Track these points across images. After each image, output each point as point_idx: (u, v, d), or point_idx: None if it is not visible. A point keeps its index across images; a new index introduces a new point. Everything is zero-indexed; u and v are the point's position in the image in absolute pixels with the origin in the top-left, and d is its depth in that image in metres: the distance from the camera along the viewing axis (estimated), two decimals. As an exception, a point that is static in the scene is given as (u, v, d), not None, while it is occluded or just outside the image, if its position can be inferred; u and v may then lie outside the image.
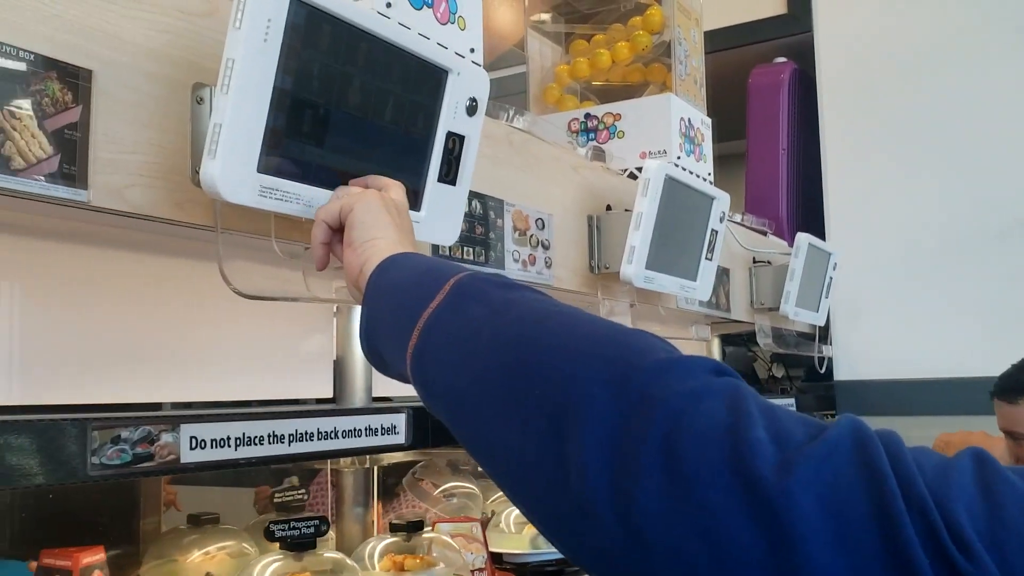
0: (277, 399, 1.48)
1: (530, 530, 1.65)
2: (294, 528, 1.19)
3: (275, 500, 1.51)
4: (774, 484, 0.46)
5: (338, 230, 0.91)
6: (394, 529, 1.39)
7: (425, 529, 1.43)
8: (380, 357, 0.79)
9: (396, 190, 0.97)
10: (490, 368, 0.62)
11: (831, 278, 2.47)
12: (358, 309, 1.35)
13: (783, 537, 0.45)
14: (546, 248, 1.47)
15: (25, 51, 0.78)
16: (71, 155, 0.80)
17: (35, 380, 1.12)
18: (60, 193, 0.79)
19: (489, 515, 1.77)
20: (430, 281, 0.72)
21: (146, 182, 0.87)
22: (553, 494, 0.54)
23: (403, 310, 0.73)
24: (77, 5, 0.83)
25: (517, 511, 1.64)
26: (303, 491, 1.55)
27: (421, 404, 1.16)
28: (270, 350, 1.47)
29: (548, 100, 2.38)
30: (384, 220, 0.87)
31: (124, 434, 0.81)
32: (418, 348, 0.69)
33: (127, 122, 0.86)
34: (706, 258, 1.73)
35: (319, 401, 1.47)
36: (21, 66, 0.77)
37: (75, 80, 0.81)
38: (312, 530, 1.19)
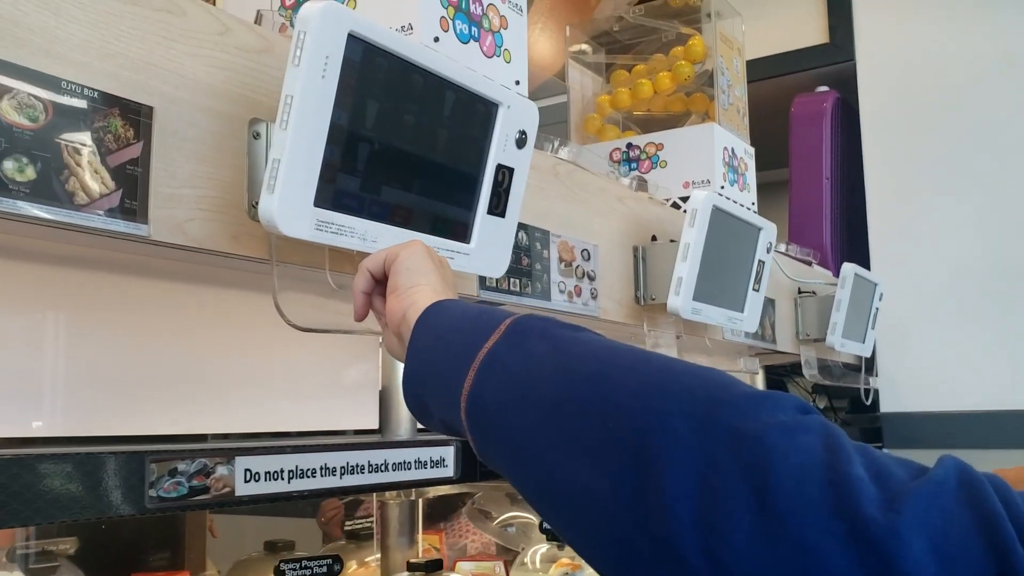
0: (322, 430, 1.48)
1: (558, 568, 1.59)
2: (306, 568, 1.16)
3: (346, 528, 1.52)
4: (881, 524, 0.43)
5: (380, 281, 0.90)
6: (412, 569, 1.37)
7: (444, 570, 1.41)
8: (423, 404, 0.76)
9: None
10: (559, 405, 0.59)
11: (877, 309, 2.44)
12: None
13: None
14: (592, 279, 1.47)
15: (89, 88, 0.79)
16: (132, 190, 0.81)
17: (80, 410, 1.13)
18: (122, 228, 0.80)
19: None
20: (483, 323, 0.70)
21: (204, 216, 0.88)
22: (630, 536, 0.52)
23: (455, 353, 0.70)
24: (139, 43, 0.84)
25: (544, 549, 1.62)
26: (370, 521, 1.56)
27: (470, 437, 1.16)
28: (315, 380, 1.48)
29: (589, 130, 2.39)
30: (428, 267, 0.86)
31: (181, 467, 0.82)
32: (474, 389, 0.66)
33: (186, 157, 0.87)
34: (753, 289, 1.71)
35: (360, 432, 1.47)
36: (85, 103, 0.79)
37: (137, 116, 0.83)
38: (324, 570, 1.16)
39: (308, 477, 0.95)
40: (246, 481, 0.88)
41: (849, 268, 2.21)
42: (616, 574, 0.55)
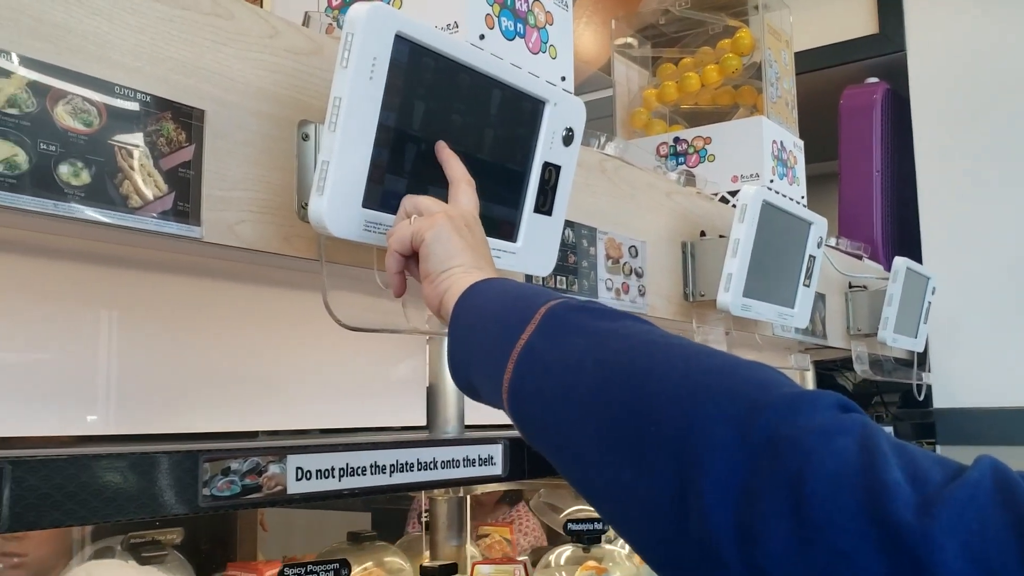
0: (370, 427, 1.49)
1: (584, 571, 1.54)
2: (312, 573, 1.13)
3: (424, 521, 1.56)
4: (915, 529, 0.43)
5: (411, 256, 0.89)
6: (425, 573, 1.38)
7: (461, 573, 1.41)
8: (473, 389, 0.77)
9: (465, 197, 0.92)
10: (597, 403, 0.59)
11: (929, 303, 2.40)
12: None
13: None
14: (639, 276, 1.46)
15: (142, 92, 0.80)
16: (185, 193, 0.82)
17: (133, 408, 1.15)
18: (175, 230, 0.81)
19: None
20: (519, 310, 0.70)
21: (255, 217, 0.89)
22: (671, 536, 0.52)
23: (493, 342, 0.70)
24: (189, 47, 0.85)
25: (570, 551, 1.58)
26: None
27: (518, 435, 1.16)
28: (363, 378, 1.49)
29: (635, 124, 2.38)
30: (457, 246, 0.84)
31: (234, 465, 0.83)
32: (514, 382, 0.67)
33: (237, 160, 0.88)
34: (803, 284, 1.69)
35: (406, 428, 1.48)
36: (138, 107, 0.80)
37: (188, 120, 0.84)
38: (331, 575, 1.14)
39: (359, 475, 0.95)
40: (297, 479, 0.88)
41: (901, 262, 2.17)
42: (661, 568, 0.55)
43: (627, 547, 1.57)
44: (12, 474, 0.68)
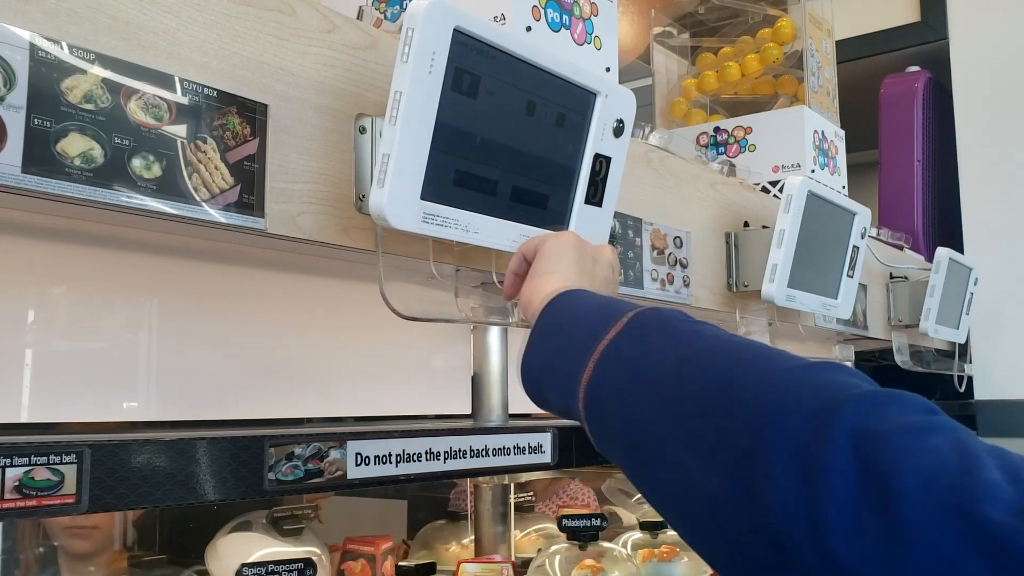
0: (414, 415, 1.51)
1: (579, 571, 1.47)
2: (272, 573, 1.09)
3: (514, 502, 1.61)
4: (1019, 531, 0.42)
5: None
6: (401, 573, 1.40)
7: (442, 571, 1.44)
8: (541, 392, 0.77)
9: (608, 250, 0.97)
10: (678, 401, 0.59)
11: (971, 294, 2.38)
12: (494, 329, 1.38)
13: None
14: (684, 267, 1.47)
15: (209, 88, 0.82)
16: (250, 185, 0.85)
17: (174, 396, 1.17)
18: (240, 222, 0.83)
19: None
20: (606, 315, 0.71)
21: (315, 209, 0.91)
22: (743, 534, 0.52)
23: (575, 343, 0.71)
24: (254, 42, 0.87)
25: (565, 549, 1.46)
26: (531, 494, 1.74)
27: (565, 423, 1.17)
28: (409, 366, 1.51)
29: (675, 114, 2.38)
30: (570, 257, 0.88)
31: (297, 451, 0.85)
32: (594, 380, 0.67)
33: (298, 153, 0.90)
34: (847, 275, 1.69)
35: (447, 416, 1.50)
36: (206, 102, 0.82)
37: (253, 114, 0.86)
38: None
39: (414, 461, 0.97)
40: (357, 465, 0.91)
41: (944, 252, 2.16)
42: (728, 568, 0.55)
43: (627, 546, 1.53)
44: (91, 457, 0.70)
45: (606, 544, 1.45)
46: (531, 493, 1.84)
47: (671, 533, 1.45)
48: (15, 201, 0.82)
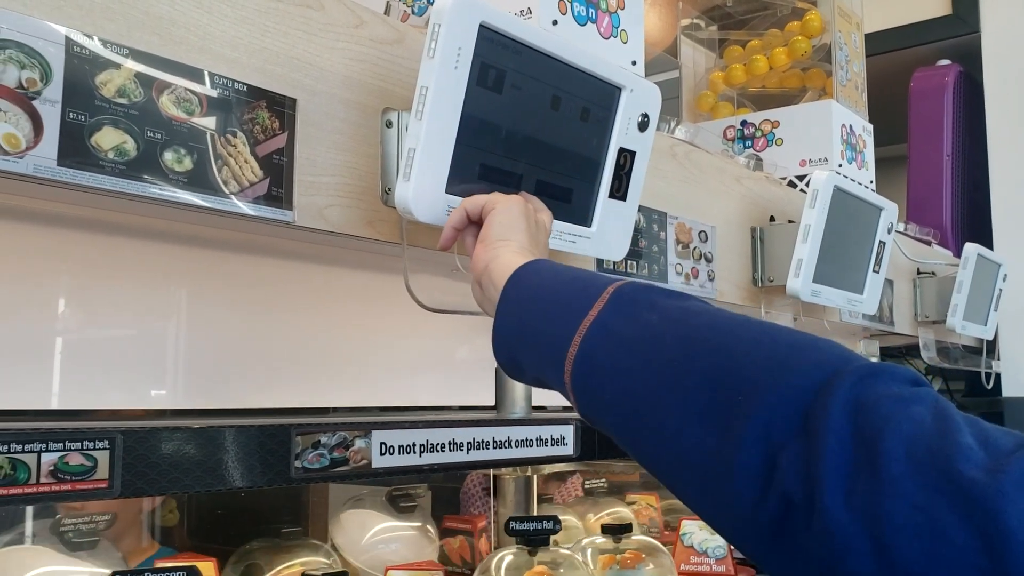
0: (437, 406, 1.53)
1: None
2: None
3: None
4: (986, 485, 0.47)
5: (474, 223, 0.93)
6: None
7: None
8: (515, 361, 0.79)
9: (546, 214, 0.98)
10: (680, 374, 0.62)
11: (1000, 290, 2.36)
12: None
13: (999, 536, 0.46)
14: (709, 261, 1.47)
15: (239, 82, 0.84)
16: (279, 178, 0.86)
17: (202, 384, 1.19)
18: (269, 214, 0.85)
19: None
20: (581, 290, 0.72)
21: (342, 202, 0.92)
22: (756, 501, 0.55)
23: (553, 318, 0.73)
24: (283, 37, 0.88)
25: (513, 554, 1.31)
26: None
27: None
28: (434, 358, 1.52)
29: (702, 108, 2.37)
30: (520, 226, 0.89)
31: (323, 439, 0.87)
32: (580, 355, 0.69)
33: (326, 146, 0.91)
34: (873, 271, 1.68)
35: (470, 408, 1.51)
36: (236, 96, 0.83)
37: (282, 108, 0.87)
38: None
39: (438, 451, 0.99)
40: (381, 454, 0.92)
41: (972, 248, 2.14)
42: (737, 533, 0.59)
43: (588, 552, 1.42)
44: (123, 443, 0.72)
45: (561, 549, 1.34)
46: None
47: (635, 538, 1.41)
48: (50, 192, 0.84)
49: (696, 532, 1.54)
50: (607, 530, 1.42)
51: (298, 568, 1.28)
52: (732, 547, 1.45)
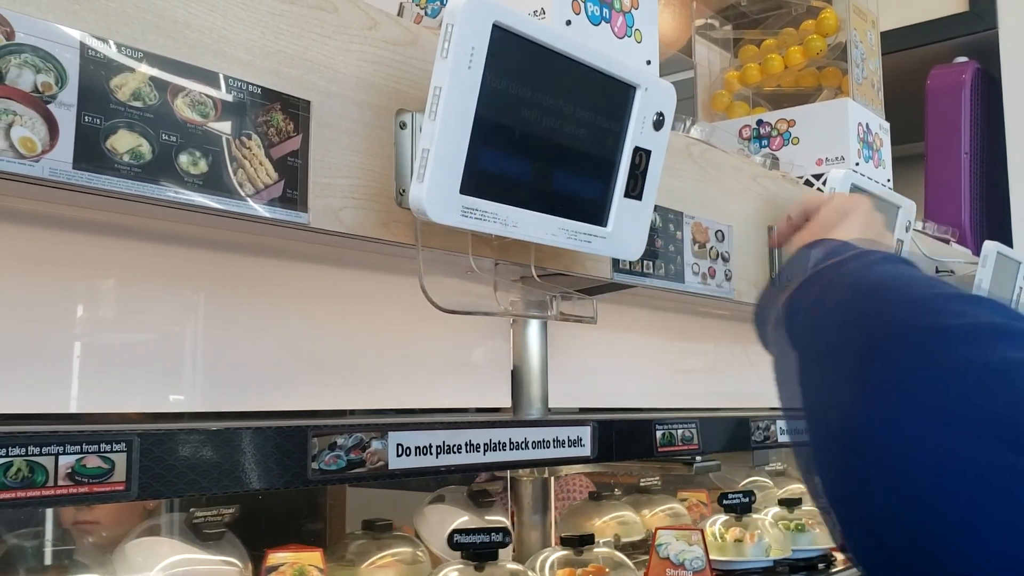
0: (453, 408, 1.52)
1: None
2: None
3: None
4: None
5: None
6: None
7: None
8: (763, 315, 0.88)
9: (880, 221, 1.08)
10: (839, 327, 0.67)
11: (1021, 288, 2.34)
12: (534, 323, 1.39)
13: None
14: (726, 260, 1.47)
15: (254, 85, 0.84)
16: (293, 180, 0.86)
17: (220, 387, 1.19)
18: (284, 216, 0.85)
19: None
20: (841, 250, 0.80)
21: (357, 204, 0.92)
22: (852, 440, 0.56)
23: (797, 268, 0.82)
24: (297, 40, 0.88)
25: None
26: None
27: (604, 417, 1.18)
28: (450, 360, 1.52)
29: (717, 107, 2.36)
30: (852, 218, 1.00)
31: (340, 441, 0.86)
32: (797, 291, 0.77)
33: (340, 148, 0.91)
34: (890, 269, 1.67)
35: (485, 410, 1.51)
36: (250, 99, 0.84)
37: (296, 110, 0.87)
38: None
39: (455, 453, 0.99)
40: (398, 455, 0.92)
41: (991, 246, 2.12)
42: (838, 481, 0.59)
43: (547, 565, 1.37)
44: (141, 446, 0.72)
45: (509, 565, 1.28)
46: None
47: (596, 550, 1.37)
48: (66, 196, 0.84)
49: (673, 543, 1.43)
50: (567, 542, 1.36)
51: (389, 559, 1.32)
52: (710, 559, 1.42)
